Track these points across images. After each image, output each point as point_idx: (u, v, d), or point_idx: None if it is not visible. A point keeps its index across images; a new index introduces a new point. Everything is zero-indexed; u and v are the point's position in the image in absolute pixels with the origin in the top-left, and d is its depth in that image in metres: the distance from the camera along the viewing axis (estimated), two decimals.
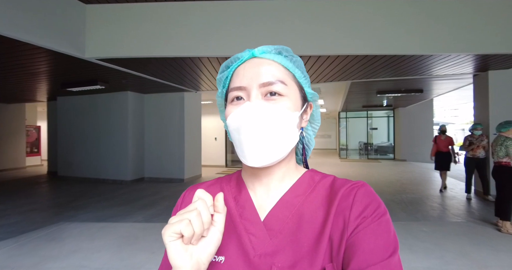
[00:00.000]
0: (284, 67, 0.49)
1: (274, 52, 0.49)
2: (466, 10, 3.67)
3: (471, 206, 4.62)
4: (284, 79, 0.47)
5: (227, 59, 0.51)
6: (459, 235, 3.31)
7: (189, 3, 3.69)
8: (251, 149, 0.44)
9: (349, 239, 0.41)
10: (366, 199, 0.44)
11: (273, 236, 0.44)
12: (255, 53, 0.49)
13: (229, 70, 0.50)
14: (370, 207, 0.43)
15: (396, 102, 10.65)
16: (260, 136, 0.44)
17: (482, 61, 4.44)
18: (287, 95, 0.47)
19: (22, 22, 3.00)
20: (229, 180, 0.56)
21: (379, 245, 0.39)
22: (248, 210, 0.48)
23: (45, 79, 5.71)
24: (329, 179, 0.50)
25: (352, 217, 0.42)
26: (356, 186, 0.46)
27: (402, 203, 4.84)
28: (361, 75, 5.38)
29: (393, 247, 0.39)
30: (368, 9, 3.69)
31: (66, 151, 7.94)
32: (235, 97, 0.48)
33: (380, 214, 0.42)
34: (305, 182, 0.51)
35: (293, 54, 0.51)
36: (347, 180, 0.48)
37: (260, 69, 0.47)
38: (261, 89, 0.46)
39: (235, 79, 0.48)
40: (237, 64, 0.49)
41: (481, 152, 4.82)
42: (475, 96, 5.55)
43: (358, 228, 0.41)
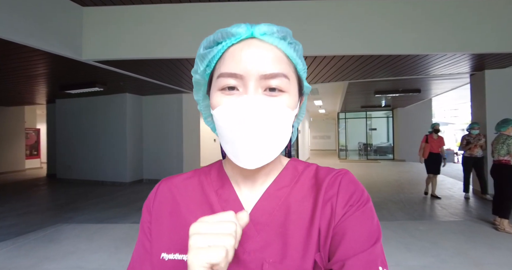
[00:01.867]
0: (287, 56, 0.43)
1: (277, 35, 0.42)
2: (461, 9, 3.70)
3: (469, 205, 4.63)
4: (287, 73, 0.42)
5: (216, 32, 0.42)
6: (456, 233, 3.31)
7: (186, 5, 3.72)
8: (246, 150, 0.40)
9: (335, 228, 0.41)
10: (351, 187, 0.44)
11: (260, 230, 0.43)
12: (255, 33, 0.41)
13: (219, 47, 0.42)
14: (355, 195, 0.43)
15: (395, 102, 10.67)
16: (257, 137, 0.39)
17: (478, 61, 4.46)
18: (288, 91, 0.42)
19: (19, 25, 3.02)
20: (208, 173, 0.52)
21: (363, 234, 0.39)
22: (232, 204, 0.45)
23: (43, 82, 5.72)
24: (312, 168, 0.49)
25: (339, 206, 0.42)
26: (340, 174, 0.46)
27: (400, 202, 4.84)
28: (359, 76, 5.40)
29: (376, 235, 0.40)
30: (363, 9, 3.71)
31: (65, 153, 7.94)
32: (227, 86, 0.40)
33: (364, 202, 0.42)
34: (289, 172, 0.49)
35: (296, 41, 0.45)
36: (330, 169, 0.48)
37: (262, 57, 0.40)
38: (261, 81, 0.40)
39: (229, 62, 0.40)
40: (231, 43, 0.41)
41: (478, 151, 4.83)
42: (472, 95, 5.57)
43: (344, 216, 0.41)
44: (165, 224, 0.46)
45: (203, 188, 0.49)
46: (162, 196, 0.49)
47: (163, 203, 0.48)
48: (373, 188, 6.29)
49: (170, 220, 0.46)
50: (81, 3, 3.61)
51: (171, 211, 0.47)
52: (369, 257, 0.37)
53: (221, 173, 0.51)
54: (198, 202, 0.47)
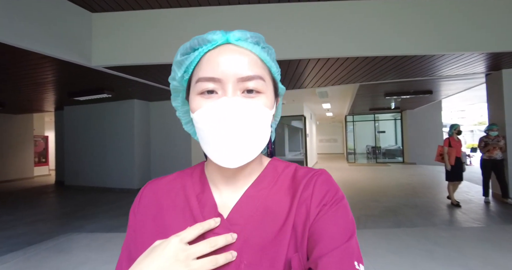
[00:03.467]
0: (261, 60, 0.45)
1: (251, 40, 0.44)
2: (476, 7, 3.58)
3: (490, 210, 4.44)
4: (262, 75, 0.44)
5: (193, 39, 0.44)
6: (482, 240, 3.15)
7: (194, 9, 3.67)
8: (225, 150, 0.41)
9: (311, 227, 0.41)
10: (324, 186, 0.45)
11: (239, 231, 0.43)
12: (230, 39, 0.43)
13: (196, 53, 0.44)
14: (328, 194, 0.44)
15: (404, 104, 10.50)
16: (237, 137, 0.40)
17: (494, 60, 4.32)
18: (264, 92, 0.44)
19: (28, 31, 2.99)
20: (191, 175, 0.53)
21: (338, 231, 0.40)
22: (209, 209, 0.46)
23: (52, 89, 5.74)
24: (292, 168, 0.50)
25: (313, 205, 0.43)
26: (316, 174, 0.47)
27: (416, 207, 4.68)
28: (370, 78, 5.29)
29: (350, 231, 0.41)
30: (374, 9, 3.63)
31: (73, 160, 7.94)
32: (206, 90, 0.42)
33: (338, 200, 0.43)
34: (269, 173, 0.49)
35: (269, 45, 0.47)
36: (309, 169, 0.49)
37: (238, 60, 0.42)
38: (238, 84, 0.41)
39: (206, 67, 0.42)
40: (207, 49, 0.43)
41: (498, 153, 4.66)
42: (489, 96, 5.41)
43: (318, 215, 0.42)
44: (149, 227, 0.47)
45: (185, 191, 0.50)
46: (147, 199, 0.51)
47: (147, 207, 0.50)
48: (386, 192, 6.12)
49: (154, 223, 0.47)
50: (90, 9, 3.59)
51: (155, 214, 0.48)
52: (343, 253, 0.38)
53: (202, 175, 0.51)
54: (180, 207, 0.48)
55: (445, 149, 4.73)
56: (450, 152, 4.68)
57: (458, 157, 4.69)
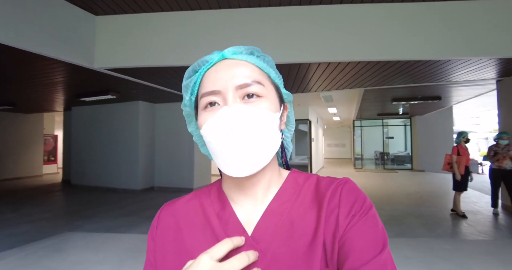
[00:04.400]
0: (258, 67, 0.46)
1: (245, 52, 0.46)
2: (486, 11, 3.47)
3: (499, 222, 4.26)
4: (260, 80, 0.44)
5: (194, 63, 0.46)
6: (486, 254, 3.00)
7: (195, 12, 3.68)
8: (235, 158, 0.40)
9: (340, 240, 0.40)
10: (351, 196, 0.43)
11: (265, 249, 0.42)
12: (225, 54, 0.45)
13: (197, 74, 0.46)
14: (356, 203, 0.42)
15: (413, 110, 10.26)
16: (243, 142, 0.40)
17: (505, 66, 4.17)
18: (265, 96, 0.44)
19: (33, 34, 3.06)
20: (208, 194, 0.52)
21: (368, 242, 0.39)
22: (233, 226, 0.45)
23: (60, 90, 5.86)
24: (313, 180, 0.49)
25: (342, 217, 0.41)
26: (340, 183, 0.45)
27: (421, 217, 4.53)
28: (375, 82, 5.19)
29: (382, 242, 0.39)
30: (380, 13, 3.55)
31: (79, 160, 8.08)
32: (209, 103, 0.43)
33: (366, 210, 0.41)
34: (290, 186, 0.48)
35: (264, 54, 0.48)
36: (331, 179, 0.47)
37: (234, 70, 0.43)
38: (237, 91, 0.42)
39: (206, 83, 0.44)
40: (206, 67, 0.45)
41: (508, 163, 4.46)
42: (499, 103, 5.22)
43: (348, 226, 0.40)
44: (169, 250, 0.47)
45: (204, 210, 0.49)
46: (164, 222, 0.50)
47: (166, 229, 0.49)
48: (392, 200, 5.97)
49: (173, 245, 0.47)
50: (94, 12, 3.65)
51: (174, 236, 0.48)
52: (377, 265, 0.37)
53: (220, 193, 0.51)
54: (200, 227, 0.47)
55: (454, 158, 4.54)
56: (460, 160, 4.50)
57: (467, 166, 4.53)
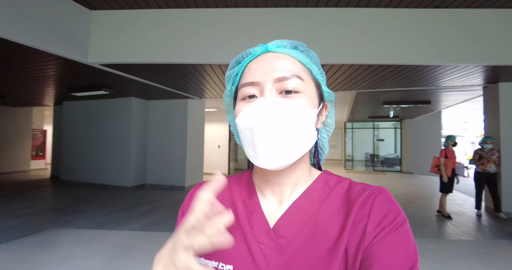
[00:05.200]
0: (300, 62, 0.45)
1: (289, 46, 0.46)
2: (476, 20, 3.59)
3: (482, 223, 4.41)
4: (300, 74, 0.44)
5: (238, 55, 0.47)
6: (469, 254, 3.12)
7: (193, 10, 3.69)
8: (265, 149, 0.40)
9: (365, 251, 0.38)
10: (385, 207, 0.41)
11: (285, 245, 0.41)
12: (269, 47, 0.45)
13: (240, 65, 0.47)
14: (388, 216, 0.40)
15: (403, 113, 10.48)
16: (276, 134, 0.40)
17: (492, 73, 4.32)
18: (303, 91, 0.43)
19: (27, 27, 3.02)
20: (238, 181, 0.52)
21: (397, 259, 0.36)
22: (257, 217, 0.45)
23: (51, 84, 5.76)
24: (345, 183, 0.47)
25: (370, 227, 0.39)
26: (374, 192, 0.43)
27: (408, 218, 4.57)
28: (367, 85, 5.29)
29: (412, 261, 0.37)
30: (374, 17, 3.64)
31: (69, 155, 7.96)
32: (247, 95, 0.44)
33: (399, 224, 0.39)
34: (320, 186, 0.47)
35: (309, 49, 0.47)
36: (365, 185, 0.45)
37: (275, 63, 0.43)
38: (276, 84, 0.42)
39: (247, 74, 0.45)
40: (249, 59, 0.46)
41: (491, 167, 4.63)
42: (485, 109, 5.39)
43: (375, 238, 0.38)
44: None
45: (232, 196, 0.49)
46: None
47: None
48: None
49: None
50: (89, 6, 3.62)
51: None
52: None
53: (249, 182, 0.51)
54: None
55: (442, 160, 4.69)
56: (447, 163, 4.66)
57: (453, 168, 4.68)
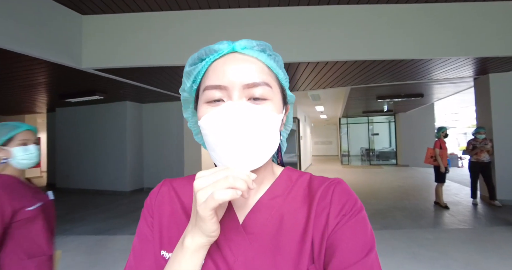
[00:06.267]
0: (268, 67, 0.45)
1: (257, 48, 0.44)
2: (464, 13, 3.66)
3: (478, 212, 4.51)
4: (269, 81, 0.43)
5: (201, 50, 0.44)
6: (465, 242, 3.20)
7: (184, 12, 3.70)
8: (234, 154, 0.39)
9: (329, 238, 0.40)
10: (343, 196, 0.43)
11: (253, 241, 0.42)
12: (236, 47, 0.43)
13: (203, 63, 0.44)
14: (347, 204, 0.42)
15: (397, 107, 10.61)
16: (245, 139, 0.39)
17: (481, 65, 4.40)
18: (271, 99, 0.43)
19: (18, 34, 2.99)
20: None
21: (356, 244, 0.39)
22: (226, 214, 0.45)
23: (43, 91, 5.70)
24: (306, 178, 0.49)
25: (332, 216, 0.42)
26: (333, 183, 0.46)
27: (405, 209, 4.73)
28: (360, 81, 5.35)
29: (369, 245, 0.40)
30: (365, 14, 3.68)
31: (65, 162, 7.88)
32: (213, 99, 0.42)
33: (357, 211, 0.42)
34: (283, 182, 0.49)
35: (275, 53, 0.47)
36: (324, 178, 0.48)
37: (244, 68, 0.42)
38: (244, 91, 0.41)
39: (212, 75, 0.42)
40: (214, 58, 0.43)
41: (485, 156, 4.73)
42: (477, 99, 5.50)
43: (337, 226, 0.41)
44: (165, 222, 0.48)
45: None
46: (164, 195, 0.51)
47: (164, 202, 0.50)
48: (377, 194, 6.17)
49: (170, 218, 0.48)
50: (81, 11, 3.59)
51: (172, 210, 0.49)
52: (362, 268, 0.37)
53: None
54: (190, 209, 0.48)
55: (437, 151, 4.79)
56: (442, 153, 4.77)
57: (447, 159, 4.79)
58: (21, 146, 1.21)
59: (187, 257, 0.38)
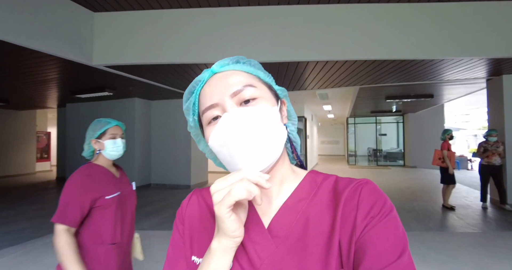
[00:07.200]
0: (247, 73, 0.48)
1: (231, 63, 0.48)
2: (479, 13, 3.58)
3: (487, 216, 4.43)
4: (251, 83, 0.46)
5: (188, 86, 0.49)
6: (475, 246, 3.15)
7: (194, 10, 3.70)
8: (246, 156, 0.41)
9: (357, 242, 0.39)
10: (371, 197, 0.42)
11: (279, 244, 0.43)
12: (214, 69, 0.47)
13: (194, 95, 0.48)
14: (376, 205, 0.41)
15: (406, 107, 10.46)
16: (251, 140, 0.41)
17: (495, 65, 4.31)
18: (260, 96, 0.45)
19: (31, 30, 3.04)
20: None
21: (387, 246, 0.38)
22: (251, 218, 0.45)
23: (54, 86, 5.80)
24: (332, 180, 0.49)
25: (360, 218, 0.41)
26: (360, 184, 0.44)
27: (413, 211, 4.68)
28: (370, 81, 5.29)
29: (401, 247, 0.38)
30: (376, 13, 3.63)
31: (74, 157, 8.01)
32: (211, 118, 0.45)
33: (386, 212, 0.40)
34: (307, 184, 0.49)
35: (249, 60, 0.50)
36: (351, 179, 0.47)
37: (226, 80, 0.45)
38: (233, 99, 0.44)
39: (203, 100, 0.46)
40: (200, 86, 0.47)
41: (496, 159, 4.64)
42: (489, 101, 5.39)
43: (366, 228, 0.40)
44: (196, 229, 0.50)
45: None
46: (194, 204, 0.53)
47: (194, 210, 0.52)
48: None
49: (200, 225, 0.50)
50: (92, 8, 3.63)
51: (202, 217, 0.51)
52: None
53: None
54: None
55: (445, 153, 4.74)
56: (450, 155, 4.72)
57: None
58: (111, 139, 1.35)
59: (215, 259, 0.39)
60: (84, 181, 1.24)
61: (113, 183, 1.36)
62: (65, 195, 1.21)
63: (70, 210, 1.19)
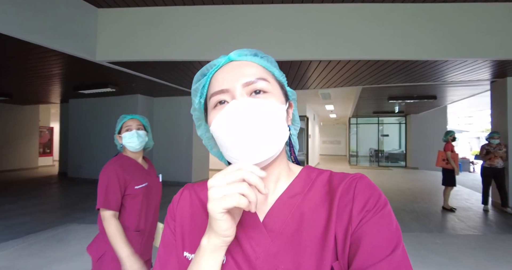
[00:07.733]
0: (262, 67, 0.48)
1: (249, 54, 0.48)
2: (484, 14, 3.55)
3: (488, 218, 4.41)
4: (265, 77, 0.46)
5: (201, 68, 0.49)
6: (476, 248, 3.14)
7: (199, 7, 3.70)
8: (245, 146, 0.41)
9: (353, 235, 0.40)
10: (366, 191, 0.43)
11: (274, 238, 0.43)
12: (231, 57, 0.47)
13: (205, 77, 0.48)
14: (371, 199, 0.42)
15: (408, 108, 10.42)
16: (254, 131, 0.41)
17: (500, 67, 4.28)
18: (271, 91, 0.46)
19: (35, 25, 3.05)
20: None
21: (381, 240, 0.38)
22: (246, 213, 0.45)
23: (57, 82, 5.82)
24: (326, 175, 0.49)
25: (355, 212, 0.41)
26: (354, 178, 0.45)
27: (414, 212, 4.67)
28: (373, 81, 5.27)
29: (395, 241, 0.38)
30: (379, 13, 3.61)
31: (77, 152, 8.05)
32: (218, 101, 0.45)
33: (381, 206, 0.41)
34: (302, 180, 0.49)
35: (267, 55, 0.50)
36: (345, 174, 0.47)
37: (241, 70, 0.45)
38: (244, 89, 0.44)
39: (215, 84, 0.46)
40: (214, 70, 0.48)
41: (499, 162, 4.62)
42: (493, 103, 5.36)
43: (361, 221, 0.40)
44: (187, 224, 0.50)
45: None
46: (186, 199, 0.53)
47: (186, 206, 0.52)
48: (386, 196, 6.08)
49: (192, 221, 0.50)
50: (96, 4, 3.63)
51: (194, 212, 0.50)
52: (390, 266, 0.36)
53: None
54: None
55: (449, 154, 4.73)
56: (454, 156, 4.71)
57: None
58: (126, 132, 1.44)
59: (205, 257, 0.39)
60: (118, 170, 1.34)
61: (142, 174, 1.44)
62: (103, 182, 1.32)
63: (111, 196, 1.30)
